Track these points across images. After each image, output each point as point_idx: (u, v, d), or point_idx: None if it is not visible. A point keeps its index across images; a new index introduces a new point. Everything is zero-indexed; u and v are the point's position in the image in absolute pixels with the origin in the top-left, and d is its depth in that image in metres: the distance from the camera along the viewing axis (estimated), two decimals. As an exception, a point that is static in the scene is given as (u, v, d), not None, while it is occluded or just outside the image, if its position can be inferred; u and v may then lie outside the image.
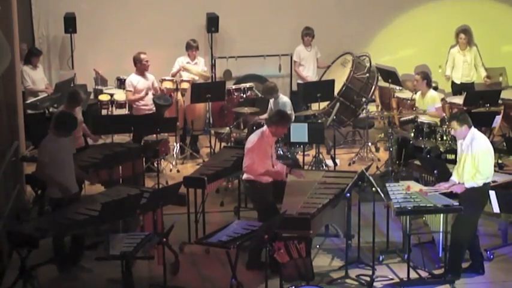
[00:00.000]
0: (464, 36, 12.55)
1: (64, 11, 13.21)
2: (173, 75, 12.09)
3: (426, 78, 10.92)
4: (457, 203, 7.81)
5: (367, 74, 12.39)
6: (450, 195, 8.17)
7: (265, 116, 11.24)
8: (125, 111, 12.31)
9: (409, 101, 11.77)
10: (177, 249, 8.55)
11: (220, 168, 9.16)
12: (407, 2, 14.23)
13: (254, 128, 10.70)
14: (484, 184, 7.89)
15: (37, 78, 12.04)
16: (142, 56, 11.25)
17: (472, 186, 7.85)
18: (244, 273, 7.96)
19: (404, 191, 8.09)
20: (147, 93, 11.30)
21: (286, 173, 8.56)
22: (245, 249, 7.88)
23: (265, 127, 8.40)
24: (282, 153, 10.25)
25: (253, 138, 8.35)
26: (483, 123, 10.55)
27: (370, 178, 8.09)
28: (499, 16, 14.32)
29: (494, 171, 9.61)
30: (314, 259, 8.28)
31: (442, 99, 11.77)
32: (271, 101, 11.13)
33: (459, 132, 7.97)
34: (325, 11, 13.92)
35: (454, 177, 8.13)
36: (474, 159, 7.82)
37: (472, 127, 7.97)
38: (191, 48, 12.25)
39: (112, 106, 12.50)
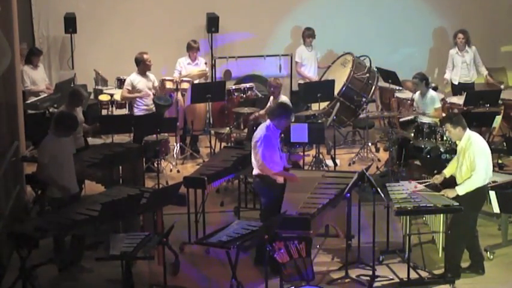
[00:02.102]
0: (463, 36, 12.54)
1: (64, 11, 13.22)
2: (176, 79, 12.07)
3: (424, 79, 10.94)
4: (457, 203, 7.81)
5: (367, 74, 12.39)
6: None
7: (262, 112, 11.21)
8: (125, 111, 12.32)
9: (409, 101, 11.78)
10: (177, 249, 8.55)
11: (220, 168, 9.16)
12: (407, 2, 14.23)
13: (254, 127, 10.70)
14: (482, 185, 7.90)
15: (37, 78, 12.05)
16: (145, 56, 11.26)
17: (465, 191, 7.87)
18: (244, 273, 7.95)
19: (409, 190, 8.12)
20: (148, 94, 11.31)
21: (286, 168, 8.59)
22: (245, 249, 7.86)
23: (268, 121, 8.39)
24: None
25: (259, 133, 8.31)
26: (483, 123, 10.56)
27: (370, 178, 8.09)
28: (499, 16, 14.32)
29: (495, 171, 9.66)
30: (314, 259, 8.28)
31: (442, 99, 11.77)
32: (271, 99, 11.13)
33: (453, 134, 8.01)
34: (325, 11, 13.93)
35: (446, 171, 8.22)
36: (470, 162, 7.82)
37: (468, 129, 7.98)
38: (192, 49, 12.26)
39: (112, 106, 12.51)
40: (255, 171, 8.40)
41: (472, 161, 7.80)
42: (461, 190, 7.88)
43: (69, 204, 8.06)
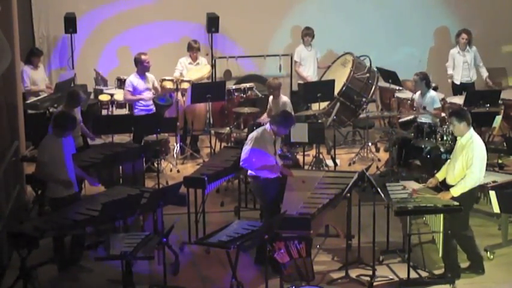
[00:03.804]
0: (466, 36, 12.55)
1: (64, 11, 13.21)
2: (176, 78, 12.08)
3: (425, 79, 10.94)
4: (457, 203, 7.81)
5: (367, 74, 12.37)
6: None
7: (264, 116, 11.22)
8: (125, 111, 12.32)
9: (409, 102, 11.78)
10: (177, 249, 8.55)
11: (220, 168, 9.16)
12: (407, 2, 14.23)
13: (254, 128, 10.70)
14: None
15: (37, 78, 12.04)
16: (143, 57, 11.25)
17: (459, 193, 7.87)
18: (244, 273, 7.95)
19: (408, 195, 8.12)
20: (151, 97, 11.31)
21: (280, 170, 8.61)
22: (245, 249, 7.86)
23: (267, 124, 8.44)
24: (280, 152, 10.26)
25: (252, 134, 8.45)
26: (483, 123, 10.55)
27: (371, 178, 8.09)
28: (499, 16, 14.32)
29: (495, 171, 9.67)
30: (314, 259, 8.27)
31: (442, 99, 11.78)
32: (270, 99, 11.13)
33: (457, 128, 8.00)
34: (326, 11, 13.93)
35: (439, 175, 8.21)
36: (467, 160, 7.82)
37: (471, 128, 7.98)
38: (192, 49, 12.26)
39: (112, 106, 12.50)
40: (248, 172, 8.46)
41: (470, 159, 7.79)
42: (455, 192, 7.88)
43: (69, 204, 8.06)
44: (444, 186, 8.34)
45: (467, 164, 7.81)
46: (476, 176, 7.82)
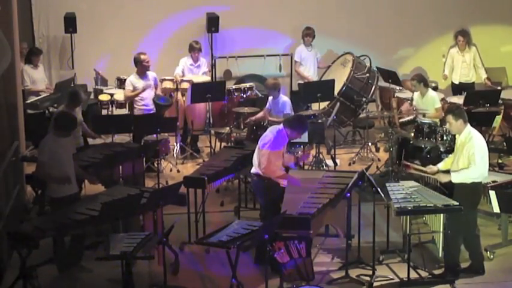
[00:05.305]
0: (463, 38, 12.59)
1: (64, 11, 13.22)
2: (176, 78, 12.08)
3: (422, 81, 10.96)
4: (457, 203, 7.80)
5: (367, 74, 12.39)
6: (444, 194, 8.19)
7: (261, 114, 11.19)
8: (125, 111, 12.33)
9: (408, 101, 11.78)
10: (177, 249, 8.55)
11: (220, 168, 9.16)
12: (408, 2, 14.23)
13: (254, 127, 10.72)
14: (474, 183, 7.90)
15: (37, 78, 12.06)
16: (142, 56, 11.26)
17: (459, 180, 7.87)
18: (244, 273, 7.95)
19: (404, 189, 8.13)
20: (149, 85, 11.32)
21: (295, 161, 8.70)
22: (245, 249, 7.86)
23: (281, 126, 8.38)
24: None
25: (269, 137, 8.32)
26: (483, 123, 10.55)
27: (370, 178, 8.09)
28: (499, 16, 14.32)
29: (495, 171, 9.66)
30: (314, 259, 8.27)
31: (442, 99, 11.78)
32: (270, 99, 11.12)
33: (454, 126, 8.01)
34: (325, 11, 13.93)
35: (440, 165, 8.28)
36: (469, 156, 7.82)
37: (469, 124, 7.98)
38: (194, 50, 12.28)
39: (112, 106, 12.51)
40: (254, 170, 8.42)
41: (471, 155, 7.80)
42: (455, 178, 7.90)
43: (69, 204, 8.06)
44: (445, 187, 8.34)
45: (470, 160, 7.81)
46: (479, 169, 7.81)
